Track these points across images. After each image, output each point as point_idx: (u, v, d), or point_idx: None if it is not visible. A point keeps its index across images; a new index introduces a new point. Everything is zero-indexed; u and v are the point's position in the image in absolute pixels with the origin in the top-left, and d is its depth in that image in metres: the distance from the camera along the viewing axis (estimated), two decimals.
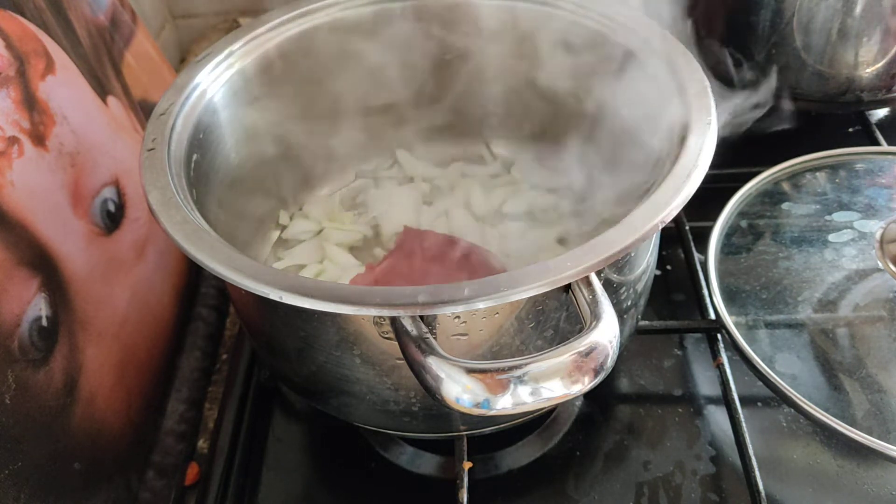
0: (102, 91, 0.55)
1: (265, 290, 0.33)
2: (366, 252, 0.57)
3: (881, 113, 0.73)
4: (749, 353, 0.46)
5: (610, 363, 0.31)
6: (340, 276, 0.54)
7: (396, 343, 0.32)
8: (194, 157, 0.44)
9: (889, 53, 0.61)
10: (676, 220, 0.60)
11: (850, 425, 0.42)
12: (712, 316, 0.52)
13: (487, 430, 0.45)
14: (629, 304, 0.42)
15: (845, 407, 0.44)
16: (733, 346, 0.48)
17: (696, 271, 0.56)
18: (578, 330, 0.31)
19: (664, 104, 0.43)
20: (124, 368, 0.49)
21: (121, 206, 0.52)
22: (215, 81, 0.48)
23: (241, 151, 0.52)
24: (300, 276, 0.44)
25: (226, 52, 0.49)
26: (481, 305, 0.31)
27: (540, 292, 0.32)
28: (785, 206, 0.55)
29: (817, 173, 0.57)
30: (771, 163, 0.57)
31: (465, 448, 0.46)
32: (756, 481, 0.44)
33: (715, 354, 0.51)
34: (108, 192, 0.51)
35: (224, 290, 0.63)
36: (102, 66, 0.57)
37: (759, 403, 0.51)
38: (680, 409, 0.51)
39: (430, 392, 0.30)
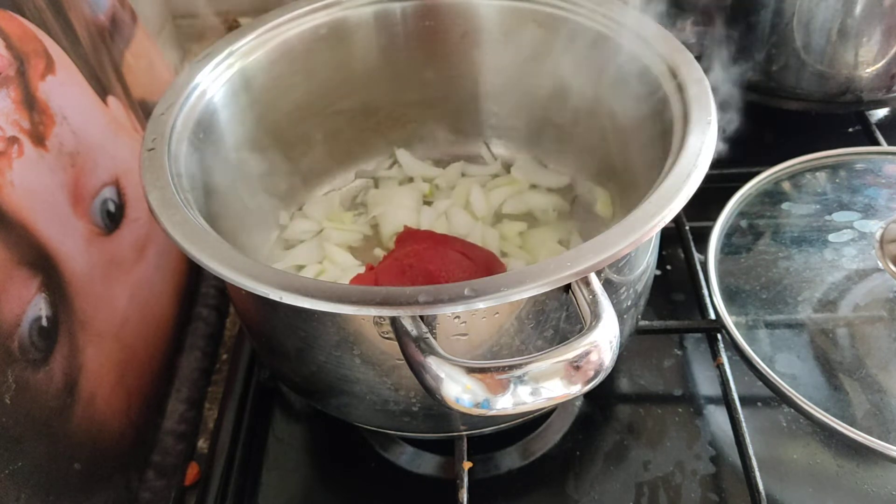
0: (102, 91, 0.55)
1: (265, 290, 0.33)
2: (366, 252, 0.57)
3: (881, 113, 0.73)
4: (749, 353, 0.46)
5: (610, 363, 0.31)
6: (340, 276, 0.54)
7: (396, 343, 0.32)
8: (194, 157, 0.44)
9: (889, 53, 0.61)
10: (676, 220, 0.60)
11: (850, 425, 0.42)
12: (712, 316, 0.52)
13: (487, 430, 0.45)
14: (629, 304, 0.42)
15: (845, 407, 0.44)
16: (733, 346, 0.48)
17: (696, 271, 0.56)
18: (578, 330, 0.31)
19: (664, 104, 0.43)
20: (124, 368, 0.49)
21: (121, 206, 0.52)
22: (215, 81, 0.48)
23: (241, 151, 0.52)
24: (300, 276, 0.44)
25: (226, 52, 0.49)
26: (481, 305, 0.31)
27: (540, 292, 0.32)
28: (785, 206, 0.55)
29: (817, 173, 0.57)
30: (771, 163, 0.57)
31: (465, 448, 0.46)
32: (756, 481, 0.44)
33: (715, 354, 0.51)
34: (108, 192, 0.51)
35: (224, 290, 0.63)
36: (102, 66, 0.57)
37: (759, 403, 0.51)
38: (680, 409, 0.51)
39: (430, 392, 0.30)
